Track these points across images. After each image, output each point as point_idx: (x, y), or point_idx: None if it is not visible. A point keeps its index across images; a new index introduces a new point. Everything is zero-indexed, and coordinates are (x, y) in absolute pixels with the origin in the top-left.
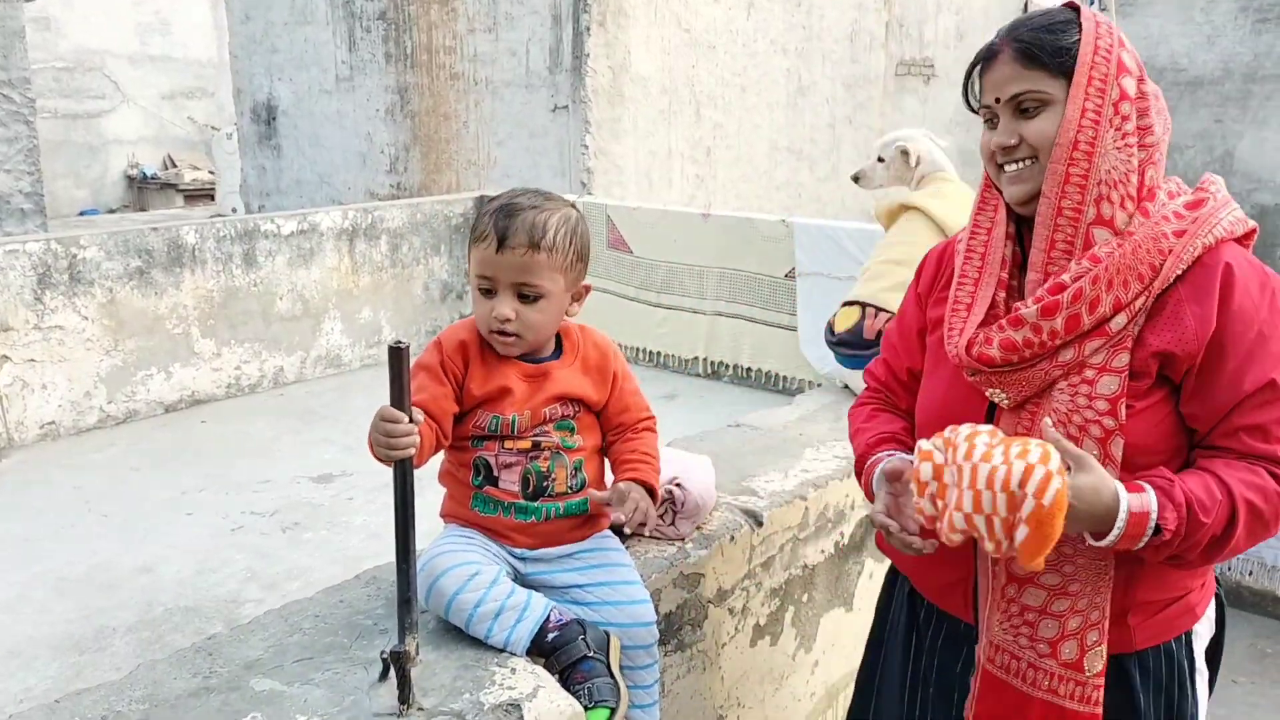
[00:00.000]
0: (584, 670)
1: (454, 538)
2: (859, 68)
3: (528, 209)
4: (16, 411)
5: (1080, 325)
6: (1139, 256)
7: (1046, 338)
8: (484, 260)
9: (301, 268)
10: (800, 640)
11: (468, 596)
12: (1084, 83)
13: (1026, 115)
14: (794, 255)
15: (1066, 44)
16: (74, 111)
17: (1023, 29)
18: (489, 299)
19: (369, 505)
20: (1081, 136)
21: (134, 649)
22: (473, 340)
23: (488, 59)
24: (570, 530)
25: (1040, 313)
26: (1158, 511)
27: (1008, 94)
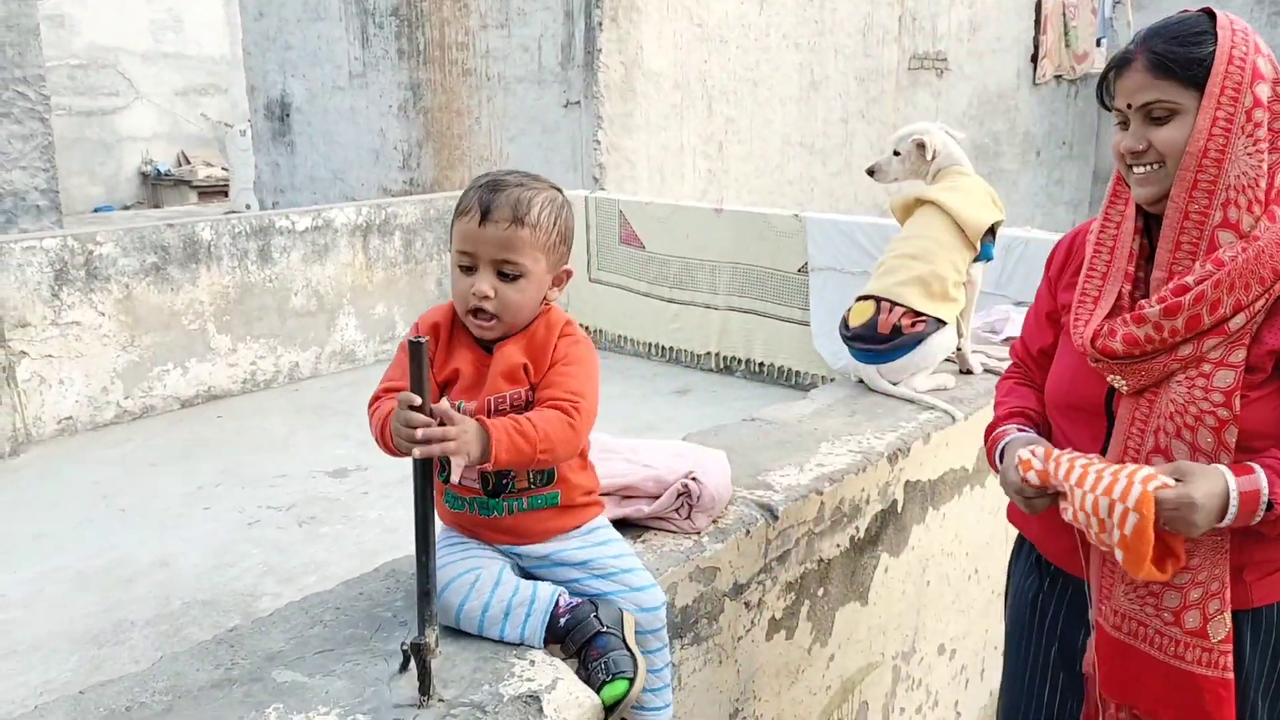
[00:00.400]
0: (599, 646)
1: (447, 546)
2: (871, 62)
3: (513, 185)
4: (34, 407)
5: (1200, 324)
6: (1262, 261)
7: (1167, 335)
8: (466, 234)
9: (316, 263)
10: (816, 634)
11: (473, 605)
12: (1216, 93)
13: (1157, 122)
14: (807, 250)
15: (1200, 55)
16: (88, 108)
17: (1157, 39)
18: (468, 276)
19: (384, 500)
20: (1211, 145)
21: (152, 642)
22: (445, 322)
23: (500, 55)
24: (546, 522)
25: (1163, 313)
26: (1269, 489)
27: (1139, 101)
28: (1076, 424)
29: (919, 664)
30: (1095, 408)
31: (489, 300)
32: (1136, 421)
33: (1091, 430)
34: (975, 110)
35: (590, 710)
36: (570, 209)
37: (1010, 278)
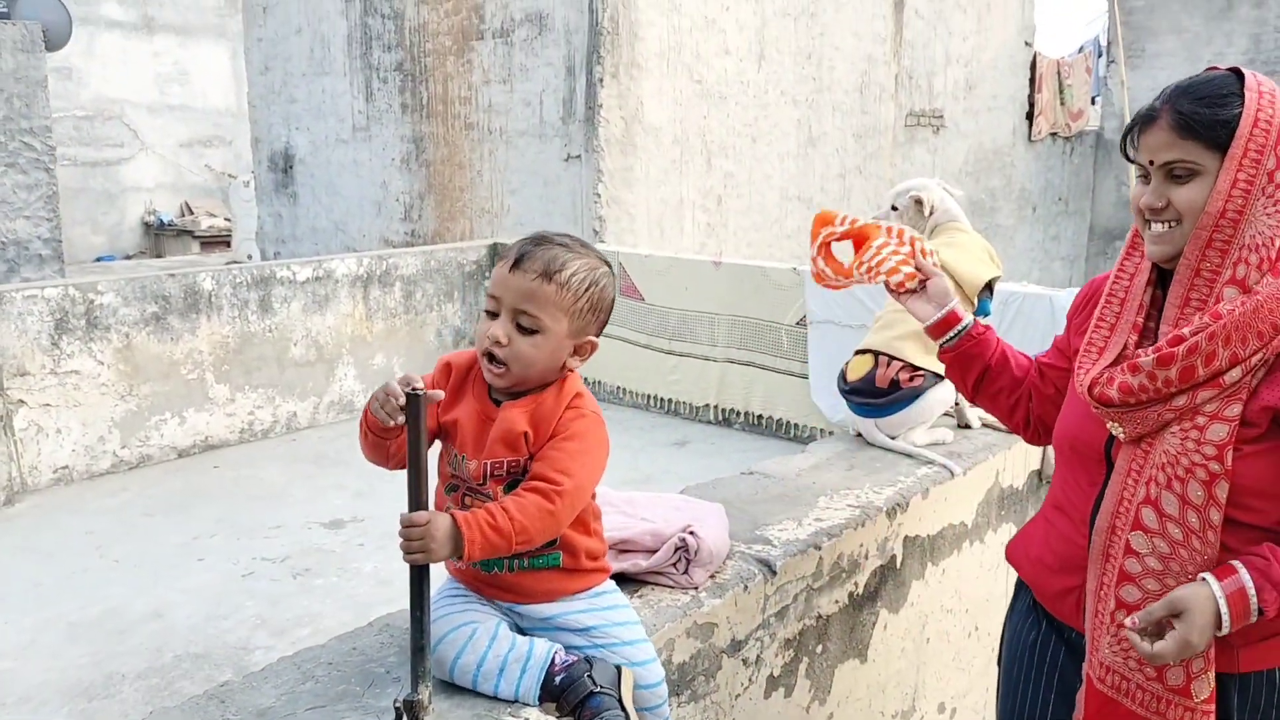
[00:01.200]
0: (593, 706)
1: (447, 598)
2: (869, 118)
3: (556, 244)
4: (30, 456)
5: (1194, 376)
6: (1260, 315)
7: (1161, 385)
8: (497, 278)
9: (316, 314)
10: (815, 692)
11: (468, 659)
12: (1239, 155)
13: (1177, 181)
14: (805, 303)
15: (1225, 118)
16: (93, 159)
17: (1184, 99)
18: (490, 320)
19: (380, 551)
20: (1230, 206)
21: (144, 695)
22: (459, 366)
23: (502, 109)
24: (553, 582)
25: (1156, 362)
26: (1256, 594)
27: (1161, 159)
28: (1076, 467)
29: None
30: (1096, 453)
31: (500, 346)
32: (1132, 471)
33: (1090, 474)
34: (971, 166)
35: None
36: (611, 284)
37: (1007, 332)
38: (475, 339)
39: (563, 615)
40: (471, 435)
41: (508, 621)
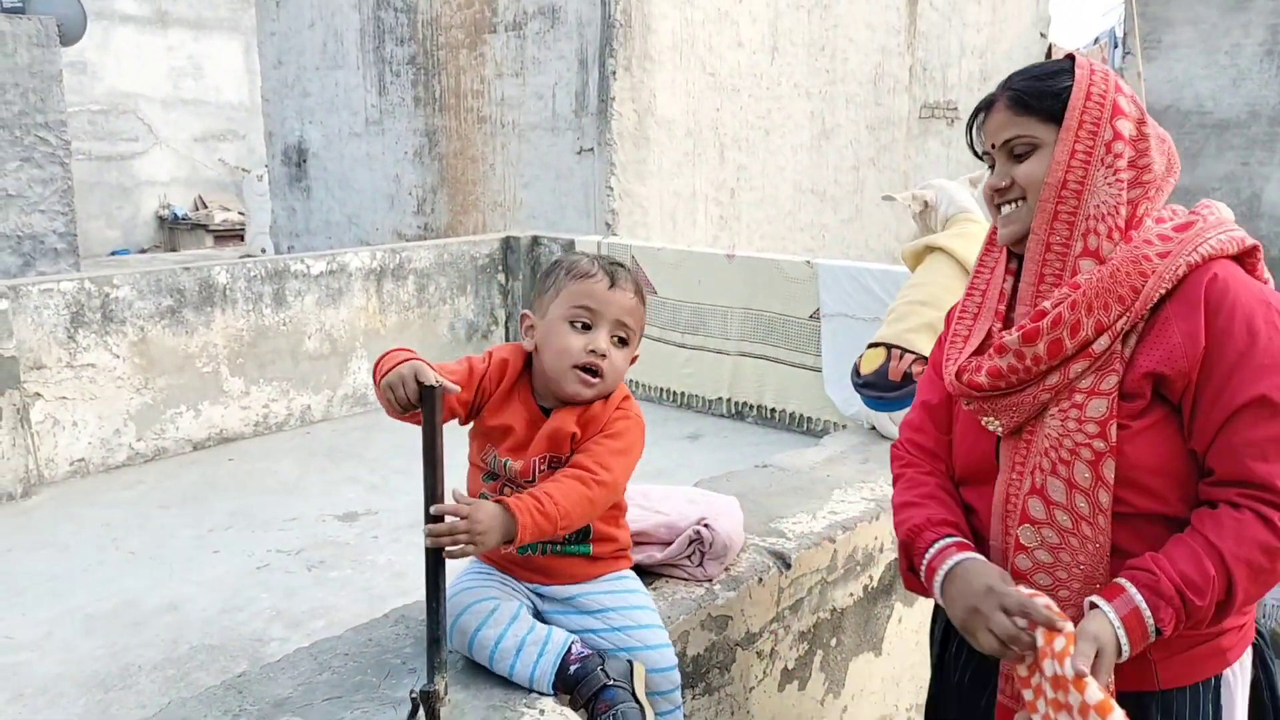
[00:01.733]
0: (607, 699)
1: (473, 574)
2: (883, 110)
3: (625, 267)
4: (47, 448)
5: (1063, 350)
6: (1118, 279)
7: (1030, 363)
8: (592, 294)
9: (330, 307)
10: (829, 685)
11: (488, 633)
12: (1074, 125)
13: (1018, 159)
14: (818, 296)
15: (1057, 89)
16: (107, 153)
17: (1017, 79)
18: (583, 333)
19: (394, 544)
20: (1070, 176)
21: (160, 687)
22: (514, 367)
23: (515, 103)
24: (578, 567)
25: (1022, 339)
26: (1151, 614)
27: (1000, 139)
28: (975, 492)
29: None
30: (989, 468)
31: (603, 360)
32: (1016, 464)
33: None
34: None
35: None
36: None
37: None
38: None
39: (583, 595)
40: (521, 441)
41: (529, 605)
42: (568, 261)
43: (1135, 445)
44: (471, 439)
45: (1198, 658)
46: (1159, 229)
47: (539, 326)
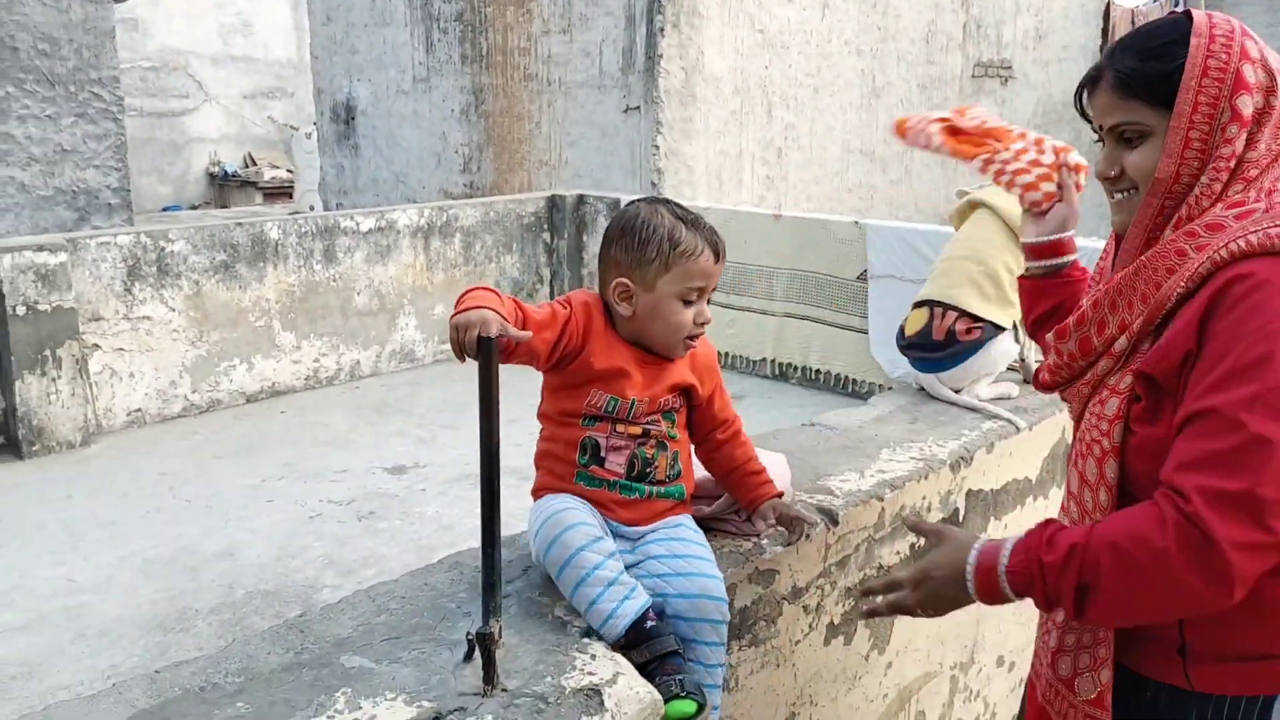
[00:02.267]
0: (675, 663)
1: (569, 499)
2: (935, 69)
3: (705, 222)
4: (105, 399)
5: (1092, 347)
6: (1141, 276)
7: (1066, 359)
8: (705, 271)
9: (379, 264)
10: (874, 641)
11: (590, 555)
12: (1187, 110)
13: (1128, 144)
14: (866, 257)
15: (1168, 70)
16: (159, 110)
17: (1122, 54)
18: (689, 307)
19: (441, 497)
20: (1184, 170)
21: (216, 630)
22: (597, 311)
23: (561, 60)
24: (665, 511)
25: (1056, 336)
26: (1008, 558)
27: (1108, 123)
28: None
29: (977, 675)
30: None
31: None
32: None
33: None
34: (1040, 119)
35: (650, 706)
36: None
37: None
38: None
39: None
40: (639, 381)
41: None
42: (667, 230)
43: (1136, 446)
44: (560, 390)
45: (1244, 673)
46: (1217, 215)
47: (641, 297)
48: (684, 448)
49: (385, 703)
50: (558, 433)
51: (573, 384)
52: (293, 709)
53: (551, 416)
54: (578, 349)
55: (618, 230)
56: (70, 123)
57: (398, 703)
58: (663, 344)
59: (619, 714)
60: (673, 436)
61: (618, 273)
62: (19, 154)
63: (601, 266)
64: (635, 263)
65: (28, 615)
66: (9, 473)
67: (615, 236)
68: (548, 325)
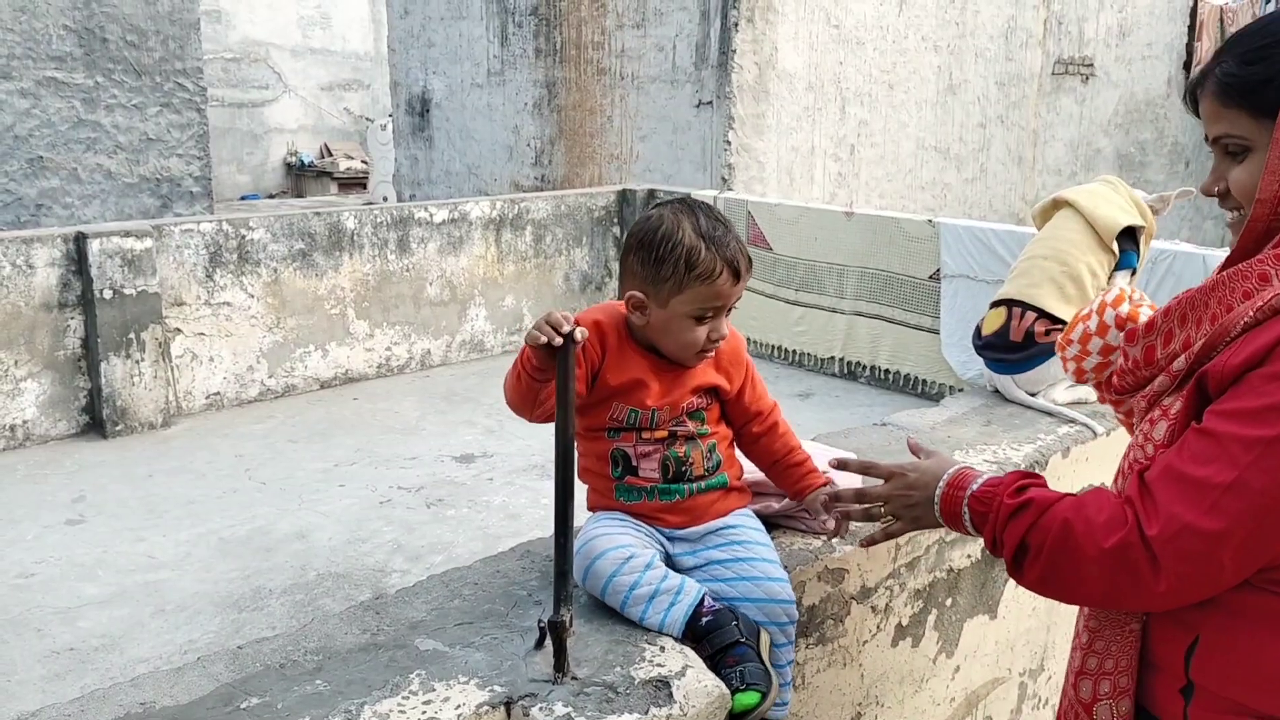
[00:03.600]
0: (736, 654)
1: (607, 521)
2: (1013, 65)
3: (731, 237)
4: (185, 382)
5: (1154, 358)
6: (1216, 293)
7: (1131, 366)
8: (720, 293)
9: (451, 255)
10: (942, 644)
11: (624, 579)
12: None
13: (1233, 159)
14: (939, 256)
15: (1266, 76)
16: (239, 100)
17: (1227, 55)
18: (702, 324)
19: (508, 487)
20: None
21: (289, 610)
22: (610, 327)
23: (635, 54)
24: (715, 503)
25: (1127, 339)
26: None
27: (1211, 134)
28: None
29: (1047, 683)
30: None
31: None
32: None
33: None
34: (1121, 118)
35: (718, 700)
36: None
37: (1155, 292)
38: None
39: (711, 532)
40: (657, 390)
41: (661, 552)
42: (685, 250)
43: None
44: (585, 407)
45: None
46: None
47: (654, 312)
48: (721, 438)
49: (458, 686)
50: (589, 447)
51: (594, 400)
52: (369, 688)
53: (580, 433)
54: (597, 367)
55: (636, 240)
56: (155, 112)
57: (470, 686)
58: (675, 357)
59: (687, 706)
60: (703, 433)
61: (632, 283)
62: (106, 142)
63: (620, 269)
64: (650, 278)
65: (110, 589)
66: (94, 451)
67: (634, 246)
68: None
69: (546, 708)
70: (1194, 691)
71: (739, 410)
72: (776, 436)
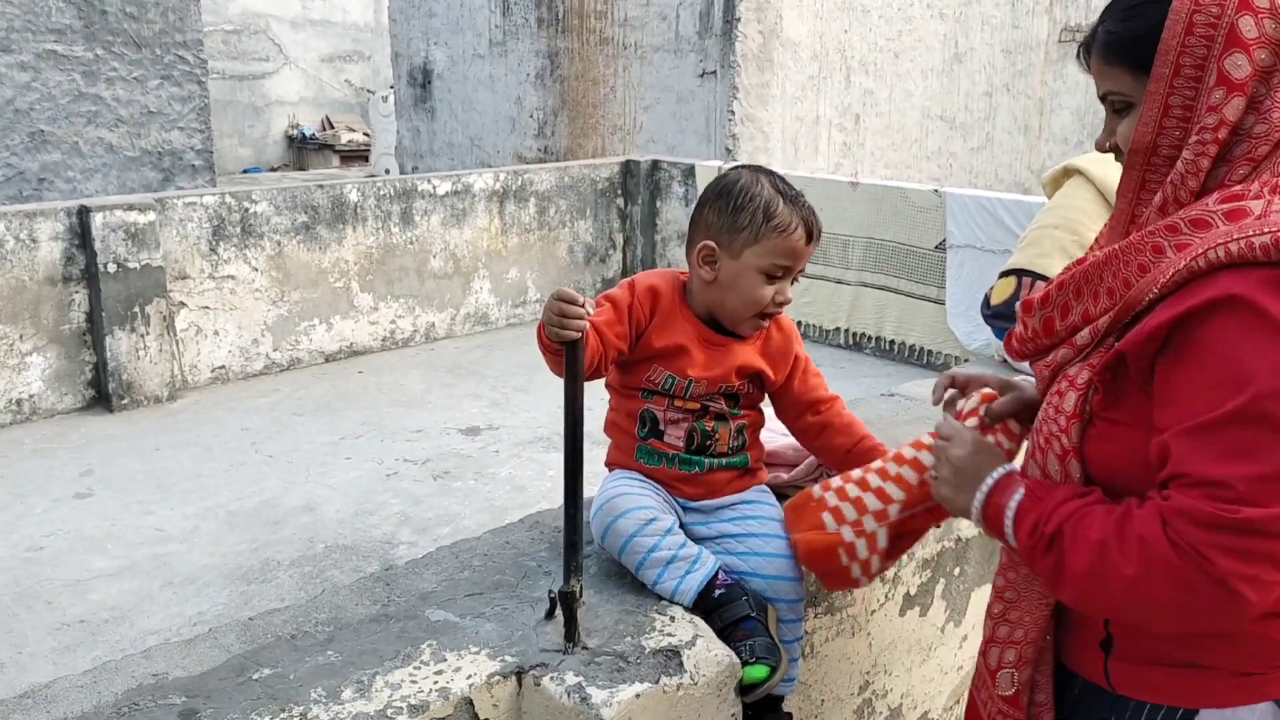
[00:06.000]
0: (746, 628)
1: (628, 480)
2: (1020, 33)
3: (805, 200)
4: (190, 355)
5: (1054, 329)
6: (1111, 268)
7: (1030, 334)
8: (793, 250)
9: (454, 227)
10: (950, 613)
11: (644, 540)
12: (1167, 74)
13: (1120, 115)
14: (945, 226)
15: (1139, 31)
16: (240, 73)
17: (1108, 14)
18: (772, 283)
19: (514, 459)
20: (1163, 140)
21: (297, 582)
22: (666, 291)
23: (638, 23)
24: (732, 481)
25: (1023, 309)
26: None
27: (1100, 92)
28: None
29: None
30: None
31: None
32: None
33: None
34: None
35: (729, 669)
36: None
37: None
38: (752, 302)
39: (726, 506)
40: (699, 360)
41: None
42: (765, 200)
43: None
44: (625, 363)
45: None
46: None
47: (725, 264)
48: (753, 424)
49: (469, 655)
50: (620, 403)
51: (635, 359)
52: (380, 659)
53: (615, 387)
54: (643, 328)
55: (714, 193)
56: (156, 85)
57: (481, 656)
58: (734, 317)
59: (697, 675)
60: (734, 414)
61: (706, 235)
62: (107, 115)
63: (692, 227)
64: (726, 228)
65: (119, 562)
66: (100, 425)
67: (711, 199)
68: (618, 321)
69: (558, 677)
70: (1114, 644)
71: (790, 400)
72: (838, 431)
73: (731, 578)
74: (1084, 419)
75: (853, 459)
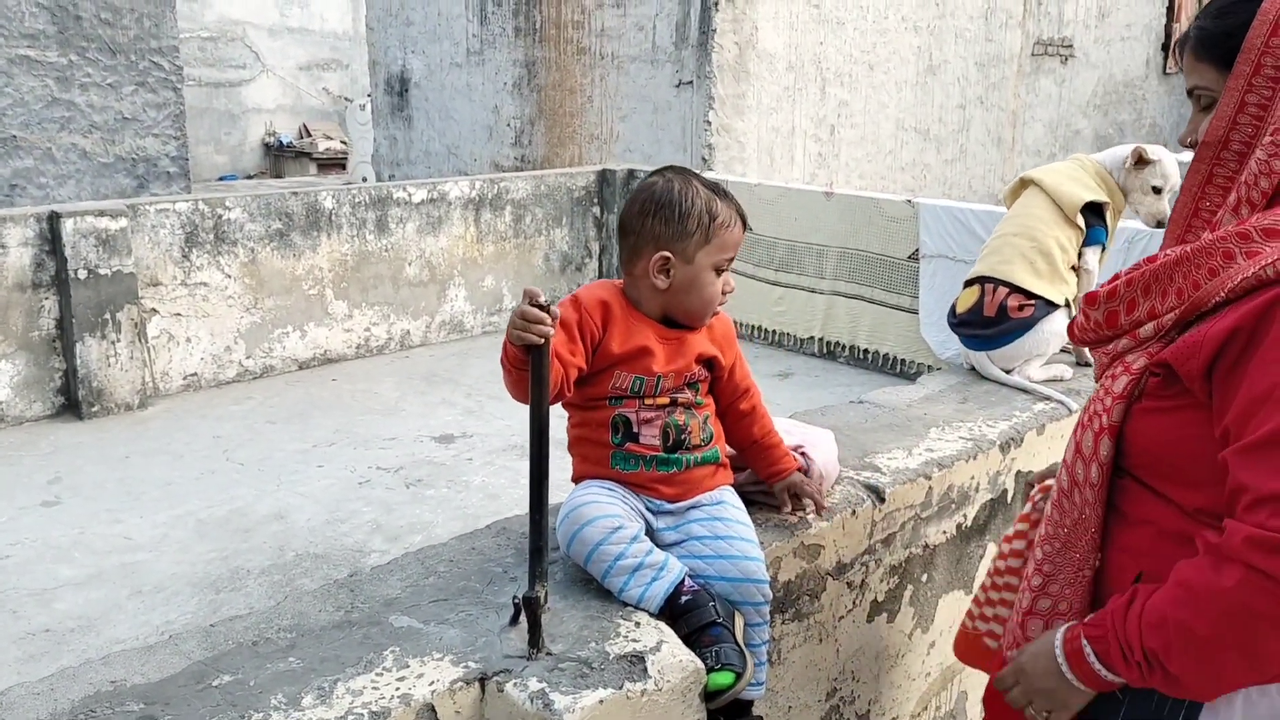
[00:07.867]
0: (712, 634)
1: (596, 488)
2: (993, 46)
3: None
4: (162, 362)
5: (1118, 323)
6: (1181, 268)
7: (1093, 326)
8: (737, 242)
9: (430, 235)
10: (918, 620)
11: (610, 549)
12: (1247, 71)
13: (1206, 111)
14: (918, 236)
15: (1229, 28)
16: (216, 80)
17: (1204, 11)
18: (719, 276)
19: (488, 467)
20: (1235, 136)
21: (267, 590)
22: (614, 300)
23: (614, 34)
24: (707, 478)
25: (1086, 302)
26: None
27: (1188, 87)
28: None
29: None
30: None
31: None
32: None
33: None
34: (1100, 99)
35: (693, 674)
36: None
37: None
38: (711, 300)
39: (694, 507)
40: (662, 356)
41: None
42: (705, 203)
43: (1136, 423)
44: (581, 384)
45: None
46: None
47: (679, 270)
48: (711, 410)
49: (433, 662)
50: (587, 416)
51: (595, 370)
52: (342, 665)
53: (577, 404)
54: (597, 341)
55: (653, 204)
56: (131, 91)
57: (444, 662)
58: (693, 315)
59: (662, 680)
60: (699, 403)
61: (657, 246)
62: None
63: (633, 240)
64: (676, 236)
65: (87, 571)
66: (70, 433)
67: (651, 210)
68: (571, 340)
69: (521, 683)
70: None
71: (729, 386)
72: (757, 418)
73: (698, 583)
74: (1130, 401)
75: (756, 450)
